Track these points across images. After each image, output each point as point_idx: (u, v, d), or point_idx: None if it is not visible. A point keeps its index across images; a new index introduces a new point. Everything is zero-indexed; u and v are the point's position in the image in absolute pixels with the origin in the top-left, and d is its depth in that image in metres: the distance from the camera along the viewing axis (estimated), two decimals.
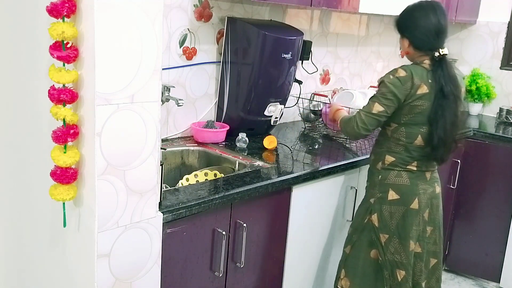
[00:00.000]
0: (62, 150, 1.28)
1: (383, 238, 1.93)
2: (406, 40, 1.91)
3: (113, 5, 1.20)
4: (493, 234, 2.94)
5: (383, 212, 1.92)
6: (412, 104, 1.83)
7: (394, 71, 1.85)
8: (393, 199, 1.91)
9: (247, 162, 1.98)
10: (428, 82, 1.83)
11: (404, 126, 1.88)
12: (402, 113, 1.86)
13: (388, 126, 1.93)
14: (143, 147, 1.35)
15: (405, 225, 1.91)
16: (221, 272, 1.68)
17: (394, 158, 1.91)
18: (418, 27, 1.86)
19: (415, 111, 1.84)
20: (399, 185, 1.90)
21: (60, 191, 1.29)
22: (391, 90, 1.82)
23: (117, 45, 1.23)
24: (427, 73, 1.85)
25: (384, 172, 1.93)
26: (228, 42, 2.21)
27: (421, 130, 1.87)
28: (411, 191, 1.90)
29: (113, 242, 1.35)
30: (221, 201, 1.61)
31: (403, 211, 1.90)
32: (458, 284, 3.07)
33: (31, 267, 1.68)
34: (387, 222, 1.92)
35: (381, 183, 1.93)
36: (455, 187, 2.82)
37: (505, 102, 3.35)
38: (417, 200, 1.90)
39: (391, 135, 1.92)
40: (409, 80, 1.81)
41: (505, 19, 3.35)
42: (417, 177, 1.91)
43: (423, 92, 1.82)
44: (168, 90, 1.97)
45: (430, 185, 1.95)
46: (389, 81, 1.84)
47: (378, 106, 1.84)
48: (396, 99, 1.82)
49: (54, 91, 1.24)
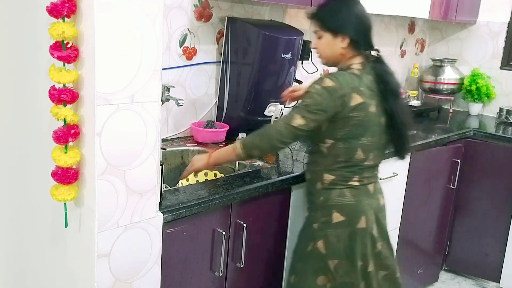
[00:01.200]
0: (63, 150, 1.28)
1: (333, 264, 1.72)
2: (340, 39, 1.66)
3: (113, 5, 1.20)
4: (493, 234, 2.94)
5: (329, 238, 1.71)
6: (347, 116, 1.62)
7: (321, 81, 1.62)
8: (338, 221, 1.70)
9: (247, 162, 1.98)
10: (360, 91, 1.63)
11: (342, 142, 1.66)
12: (337, 127, 1.64)
13: (322, 143, 1.70)
14: (143, 147, 1.35)
15: (352, 245, 1.71)
16: (221, 272, 1.68)
17: (334, 176, 1.70)
18: (361, 22, 1.67)
19: (351, 124, 1.63)
20: (343, 205, 1.70)
21: (61, 191, 1.29)
22: (317, 102, 1.59)
23: (117, 45, 1.23)
24: (358, 81, 1.64)
25: (325, 193, 1.72)
26: (228, 42, 2.22)
27: (360, 142, 1.67)
28: (357, 209, 1.71)
29: (113, 242, 1.35)
30: (221, 201, 1.61)
31: (349, 232, 1.71)
32: (458, 284, 3.07)
33: (31, 267, 1.68)
34: (335, 247, 1.71)
35: (324, 206, 1.72)
36: (455, 187, 2.82)
37: (505, 102, 3.35)
38: (364, 218, 1.71)
39: (328, 152, 1.69)
40: (339, 90, 1.60)
41: (505, 19, 3.35)
42: (360, 192, 1.72)
43: (357, 103, 1.62)
44: (168, 90, 1.97)
45: (375, 198, 1.77)
46: (315, 91, 1.61)
47: (299, 119, 1.60)
48: (322, 113, 1.60)
49: (55, 91, 1.24)
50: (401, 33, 3.43)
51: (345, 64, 1.70)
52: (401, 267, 2.64)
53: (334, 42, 1.67)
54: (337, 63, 1.73)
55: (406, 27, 3.45)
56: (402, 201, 2.52)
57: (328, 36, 1.68)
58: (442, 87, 3.40)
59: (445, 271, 3.15)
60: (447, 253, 3.07)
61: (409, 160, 2.47)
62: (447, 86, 3.40)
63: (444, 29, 3.62)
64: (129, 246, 1.39)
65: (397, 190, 2.48)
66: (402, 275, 2.67)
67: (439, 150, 2.68)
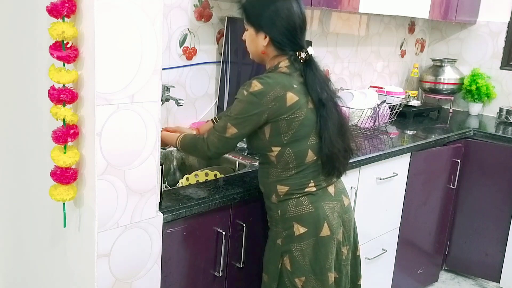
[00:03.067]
0: (62, 150, 1.28)
1: (300, 282, 1.61)
2: (262, 36, 1.54)
3: (113, 5, 1.20)
4: (493, 234, 2.94)
5: (293, 253, 1.60)
6: (288, 118, 1.50)
7: (248, 86, 1.50)
8: (300, 233, 1.58)
9: (247, 162, 1.98)
10: (294, 88, 1.51)
11: (290, 146, 1.54)
12: (281, 132, 1.52)
13: (269, 152, 1.57)
14: (143, 147, 1.35)
15: (319, 258, 1.60)
16: (221, 272, 1.68)
17: (287, 186, 1.58)
18: (282, 20, 1.51)
19: (294, 125, 1.52)
20: (303, 214, 1.58)
21: (60, 191, 1.29)
22: (247, 109, 1.49)
23: (117, 45, 1.23)
24: (288, 79, 1.52)
25: (282, 205, 1.60)
26: (228, 42, 2.22)
27: (309, 143, 1.55)
28: (318, 217, 1.58)
29: (113, 242, 1.35)
30: (221, 201, 1.61)
31: (313, 243, 1.59)
32: (458, 284, 3.07)
33: (31, 267, 1.68)
34: (300, 262, 1.60)
35: (283, 219, 1.60)
36: (455, 187, 2.82)
37: (505, 102, 3.35)
38: (326, 224, 1.59)
39: (277, 161, 1.57)
40: (268, 92, 1.48)
41: (505, 19, 3.35)
42: (319, 198, 1.60)
43: (294, 101, 1.50)
44: (168, 90, 1.98)
45: (337, 200, 1.65)
46: (243, 98, 1.50)
47: (231, 128, 1.52)
48: (254, 118, 1.50)
49: (54, 91, 1.24)
50: (401, 33, 3.43)
51: (271, 63, 1.58)
52: (401, 267, 2.65)
53: (257, 39, 1.56)
54: (262, 61, 1.62)
55: (406, 27, 3.45)
56: (402, 201, 2.53)
57: (251, 31, 1.58)
58: (442, 87, 3.41)
59: (445, 271, 3.15)
60: (447, 253, 3.07)
61: (409, 160, 2.48)
62: (447, 86, 3.40)
63: (444, 29, 3.62)
64: (129, 246, 1.39)
65: (397, 190, 2.48)
66: (402, 275, 2.68)
67: (439, 150, 2.68)
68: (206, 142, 1.57)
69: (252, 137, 1.60)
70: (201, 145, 1.59)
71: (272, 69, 1.57)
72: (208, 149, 1.57)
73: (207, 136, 1.58)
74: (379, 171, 2.30)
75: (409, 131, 2.83)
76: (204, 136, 1.60)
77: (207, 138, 1.58)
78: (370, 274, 2.37)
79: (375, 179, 2.30)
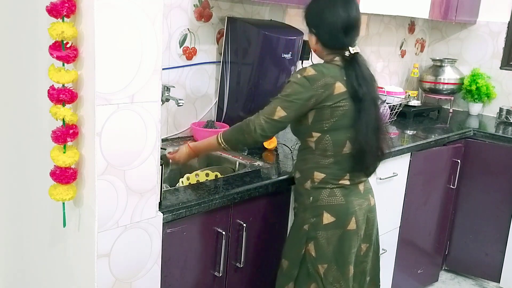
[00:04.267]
0: (61, 150, 1.28)
1: (322, 269, 1.67)
2: (313, 36, 1.67)
3: (113, 5, 1.20)
4: (493, 234, 2.94)
5: (319, 240, 1.65)
6: (333, 106, 1.58)
7: (302, 70, 1.60)
8: (328, 222, 1.64)
9: (247, 162, 1.98)
10: (344, 80, 1.59)
11: (329, 134, 1.61)
12: (323, 118, 1.60)
13: (309, 138, 1.65)
14: (143, 147, 1.35)
15: (343, 250, 1.66)
16: (221, 272, 1.68)
17: (324, 174, 1.64)
18: (325, 22, 1.62)
19: (337, 114, 1.59)
20: (334, 205, 1.64)
21: (59, 191, 1.29)
22: (298, 91, 1.57)
23: (117, 45, 1.23)
24: (340, 70, 1.61)
25: (314, 192, 1.66)
26: (228, 42, 2.22)
27: (348, 135, 1.62)
28: (347, 210, 1.65)
29: (113, 242, 1.35)
30: (221, 201, 1.61)
31: (340, 234, 1.65)
32: (458, 284, 3.07)
33: (31, 267, 1.68)
34: (325, 250, 1.66)
35: (313, 206, 1.66)
36: (455, 187, 2.82)
37: (505, 102, 3.35)
38: (354, 219, 1.66)
39: (316, 147, 1.64)
40: (320, 79, 1.57)
41: (505, 19, 3.35)
42: (350, 192, 1.67)
43: (341, 91, 1.58)
44: (168, 90, 1.98)
45: (365, 198, 1.72)
46: (296, 81, 1.58)
47: (280, 111, 1.58)
48: (303, 102, 1.57)
49: (54, 91, 1.24)
50: (401, 33, 3.43)
51: (327, 58, 1.68)
52: (401, 267, 2.65)
53: (311, 38, 1.69)
54: (321, 57, 1.72)
55: (406, 27, 3.45)
56: (402, 201, 2.53)
57: (308, 32, 1.71)
58: (442, 87, 3.41)
59: (445, 271, 3.15)
60: (447, 253, 3.07)
61: (409, 160, 2.48)
62: (447, 86, 3.40)
63: (444, 29, 3.62)
64: (129, 246, 1.38)
65: (397, 190, 2.48)
66: (402, 275, 2.68)
67: (439, 150, 2.68)
68: (253, 125, 1.61)
69: (296, 121, 1.66)
70: (247, 128, 1.62)
71: (328, 61, 1.67)
72: (255, 132, 1.60)
73: (253, 119, 1.62)
74: (379, 171, 2.29)
75: (409, 131, 2.83)
76: (249, 119, 1.64)
77: (254, 120, 1.62)
78: None
79: (375, 179, 2.30)
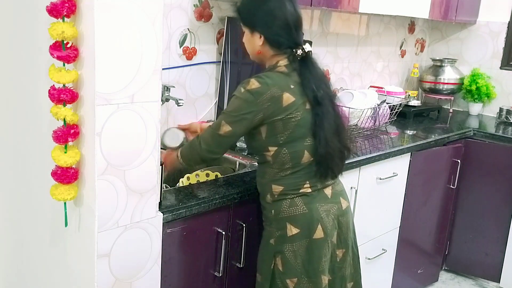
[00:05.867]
0: (62, 150, 1.28)
1: (292, 284, 1.60)
2: (257, 36, 1.54)
3: (113, 5, 1.20)
4: (493, 234, 2.94)
5: (285, 253, 1.59)
6: (284, 119, 1.50)
7: (246, 83, 1.50)
8: (293, 234, 1.57)
9: (247, 162, 1.98)
10: (291, 89, 1.51)
11: (286, 146, 1.54)
12: (277, 132, 1.52)
13: (266, 152, 1.57)
14: (143, 147, 1.35)
15: (312, 260, 1.59)
16: (221, 272, 1.68)
17: (282, 186, 1.58)
18: (274, 19, 1.51)
19: (290, 126, 1.51)
20: (296, 215, 1.57)
21: (61, 191, 1.30)
22: (242, 107, 1.49)
23: (117, 45, 1.23)
24: (285, 79, 1.52)
25: (276, 205, 1.60)
26: (228, 42, 2.22)
27: (305, 144, 1.55)
28: (311, 218, 1.57)
29: (113, 242, 1.35)
30: (221, 201, 1.61)
31: (306, 245, 1.58)
32: (458, 284, 3.07)
33: (32, 267, 1.68)
34: (292, 263, 1.59)
35: (276, 219, 1.60)
36: (455, 187, 2.82)
37: (505, 102, 3.35)
38: (320, 226, 1.58)
39: (273, 161, 1.57)
40: (265, 92, 1.47)
41: (505, 19, 3.35)
42: (314, 199, 1.58)
43: (290, 102, 1.50)
44: (168, 90, 1.98)
45: (334, 202, 1.63)
46: (239, 95, 1.50)
47: (225, 126, 1.51)
48: (250, 118, 1.49)
49: (54, 91, 1.24)
50: (401, 33, 3.43)
51: (270, 62, 1.58)
52: (401, 267, 2.65)
53: (253, 39, 1.57)
54: (261, 61, 1.61)
55: (406, 27, 3.45)
56: (402, 201, 2.53)
57: (247, 32, 1.58)
58: (442, 87, 3.41)
59: (445, 271, 3.15)
60: (447, 253, 3.07)
61: (409, 160, 2.48)
62: (447, 86, 3.40)
63: (444, 29, 3.62)
64: (129, 246, 1.39)
65: (397, 190, 2.48)
66: (402, 275, 2.68)
67: (439, 150, 2.68)
68: (199, 140, 1.57)
69: (249, 137, 1.60)
70: (194, 144, 1.59)
71: (271, 67, 1.57)
72: (200, 147, 1.55)
73: (201, 134, 1.58)
74: (379, 171, 2.30)
75: (409, 131, 2.83)
76: (199, 134, 1.60)
77: (201, 136, 1.57)
78: (370, 274, 2.37)
79: (375, 179, 2.30)
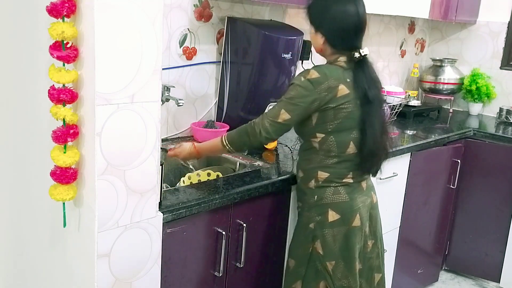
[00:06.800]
0: (62, 150, 1.28)
1: (330, 266, 1.70)
2: (320, 36, 1.65)
3: (113, 5, 1.20)
4: (493, 234, 2.94)
5: (326, 237, 1.68)
6: (336, 108, 1.59)
7: (306, 72, 1.61)
8: (334, 220, 1.67)
9: (247, 162, 1.98)
10: (347, 82, 1.60)
11: (333, 135, 1.63)
12: (327, 120, 1.61)
13: (313, 138, 1.66)
14: (143, 147, 1.35)
15: (349, 246, 1.69)
16: (221, 272, 1.68)
17: (328, 173, 1.66)
18: (335, 22, 1.62)
19: (340, 116, 1.61)
20: (338, 203, 1.67)
21: (60, 191, 1.29)
22: (301, 95, 1.58)
23: (117, 45, 1.23)
24: (343, 73, 1.61)
25: (319, 191, 1.68)
26: (228, 42, 2.22)
27: (352, 136, 1.64)
28: (351, 207, 1.68)
29: (113, 242, 1.35)
30: (221, 201, 1.61)
31: (345, 231, 1.68)
32: (458, 284, 3.07)
33: (31, 267, 1.68)
34: (331, 247, 1.69)
35: (318, 204, 1.68)
36: (455, 187, 2.81)
37: (505, 102, 3.35)
38: (358, 216, 1.69)
39: (320, 147, 1.66)
40: (323, 82, 1.57)
41: (505, 19, 3.35)
42: (354, 190, 1.70)
43: (344, 94, 1.59)
44: (168, 90, 1.98)
45: (367, 195, 1.75)
46: (300, 83, 1.59)
47: (284, 114, 1.59)
48: (307, 105, 1.58)
49: (54, 91, 1.24)
50: (401, 33, 3.43)
51: (330, 58, 1.68)
52: (401, 267, 2.65)
53: (316, 37, 1.67)
54: (323, 56, 1.72)
55: (406, 27, 3.45)
56: (402, 201, 2.53)
57: (312, 30, 1.69)
58: (442, 87, 3.41)
59: (445, 271, 3.15)
60: (447, 253, 3.07)
61: (409, 160, 2.48)
62: (447, 86, 3.40)
63: (444, 29, 3.62)
64: (129, 246, 1.39)
65: (397, 190, 2.48)
66: (402, 275, 2.68)
67: (439, 150, 2.68)
68: (258, 128, 1.63)
69: (300, 122, 1.67)
70: (252, 131, 1.64)
71: (331, 62, 1.67)
72: (260, 134, 1.62)
73: (258, 122, 1.64)
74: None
75: (409, 131, 2.83)
76: (254, 122, 1.65)
77: (258, 123, 1.63)
78: None
79: (375, 179, 2.30)
